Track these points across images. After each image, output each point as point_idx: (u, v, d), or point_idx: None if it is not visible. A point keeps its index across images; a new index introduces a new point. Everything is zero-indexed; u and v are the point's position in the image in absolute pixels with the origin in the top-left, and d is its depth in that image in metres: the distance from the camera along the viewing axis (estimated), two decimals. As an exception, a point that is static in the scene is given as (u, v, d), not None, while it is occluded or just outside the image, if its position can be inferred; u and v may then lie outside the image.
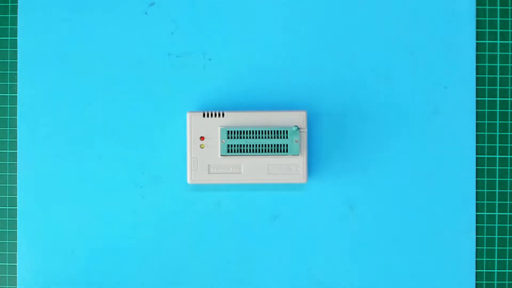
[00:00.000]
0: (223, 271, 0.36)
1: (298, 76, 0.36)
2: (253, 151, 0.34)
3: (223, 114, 0.35)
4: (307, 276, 0.36)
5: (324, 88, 0.36)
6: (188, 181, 0.35)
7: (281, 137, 0.34)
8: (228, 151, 0.34)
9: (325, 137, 0.36)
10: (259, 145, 0.34)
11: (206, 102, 0.36)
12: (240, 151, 0.34)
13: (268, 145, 0.34)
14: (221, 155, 0.34)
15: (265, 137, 0.35)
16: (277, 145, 0.34)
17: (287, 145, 0.34)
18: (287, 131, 0.34)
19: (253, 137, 0.34)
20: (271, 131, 0.34)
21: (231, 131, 0.34)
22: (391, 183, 0.36)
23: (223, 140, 0.34)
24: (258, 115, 0.35)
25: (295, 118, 0.35)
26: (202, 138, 0.35)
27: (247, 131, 0.34)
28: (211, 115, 0.35)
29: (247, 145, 0.34)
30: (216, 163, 0.35)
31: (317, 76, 0.36)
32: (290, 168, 0.35)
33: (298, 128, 0.34)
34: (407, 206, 0.36)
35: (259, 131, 0.34)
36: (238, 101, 0.36)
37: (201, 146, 0.35)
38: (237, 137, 0.34)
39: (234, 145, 0.34)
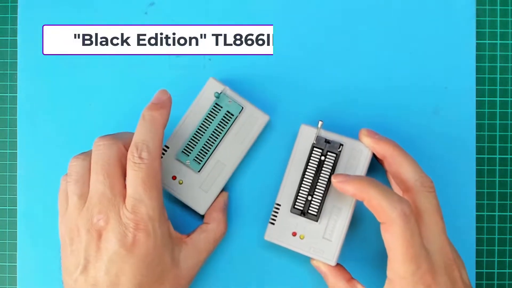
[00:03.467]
0: (223, 270, 0.36)
1: (298, 75, 0.36)
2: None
3: (223, 114, 0.35)
4: (308, 276, 0.36)
5: (324, 88, 0.36)
6: (188, 181, 0.35)
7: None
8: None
9: (325, 137, 0.36)
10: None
11: (206, 102, 0.36)
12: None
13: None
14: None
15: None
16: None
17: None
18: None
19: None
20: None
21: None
22: (391, 183, 0.36)
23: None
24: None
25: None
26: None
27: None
28: (211, 114, 0.35)
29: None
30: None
31: (317, 76, 0.36)
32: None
33: None
34: (407, 206, 0.36)
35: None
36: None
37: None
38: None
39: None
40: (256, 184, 0.36)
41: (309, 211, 0.32)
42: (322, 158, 0.32)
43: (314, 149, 0.32)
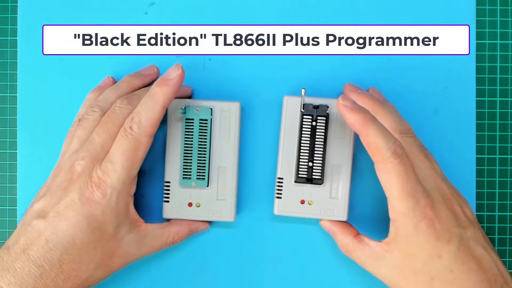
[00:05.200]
0: (223, 271, 0.36)
1: (297, 75, 0.36)
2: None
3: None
4: (307, 276, 0.36)
5: (325, 89, 0.36)
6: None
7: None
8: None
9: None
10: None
11: (206, 102, 0.36)
12: (240, 151, 0.35)
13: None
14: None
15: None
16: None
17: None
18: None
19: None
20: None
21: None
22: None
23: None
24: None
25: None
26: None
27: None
28: (211, 114, 0.35)
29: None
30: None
31: (317, 76, 0.36)
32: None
33: None
34: (407, 206, 0.36)
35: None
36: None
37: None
38: (237, 137, 0.35)
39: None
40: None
41: (313, 177, 0.33)
42: (314, 123, 0.33)
43: (304, 117, 0.33)
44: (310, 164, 0.33)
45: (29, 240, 0.28)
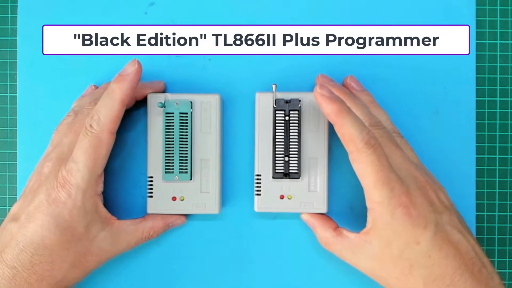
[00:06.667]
0: (222, 271, 0.36)
1: (297, 75, 0.36)
2: (253, 151, 0.35)
3: (222, 114, 0.35)
4: (306, 276, 0.36)
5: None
6: (188, 181, 0.35)
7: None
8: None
9: (325, 137, 0.36)
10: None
11: (206, 102, 0.36)
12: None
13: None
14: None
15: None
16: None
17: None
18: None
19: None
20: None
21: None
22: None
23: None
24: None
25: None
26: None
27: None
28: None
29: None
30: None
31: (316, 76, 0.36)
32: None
33: None
34: (407, 206, 0.36)
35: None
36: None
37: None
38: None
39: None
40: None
41: (290, 171, 0.33)
42: (286, 118, 0.33)
43: (276, 112, 0.33)
44: (286, 159, 0.33)
45: (4, 243, 0.29)
